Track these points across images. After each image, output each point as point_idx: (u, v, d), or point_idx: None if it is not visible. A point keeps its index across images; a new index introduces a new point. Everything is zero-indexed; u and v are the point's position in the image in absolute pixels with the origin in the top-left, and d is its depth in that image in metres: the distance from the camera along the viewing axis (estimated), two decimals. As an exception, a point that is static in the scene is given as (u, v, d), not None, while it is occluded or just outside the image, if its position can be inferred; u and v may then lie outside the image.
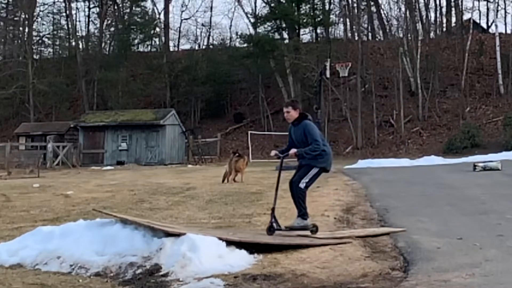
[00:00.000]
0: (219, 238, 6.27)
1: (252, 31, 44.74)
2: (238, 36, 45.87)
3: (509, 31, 45.68)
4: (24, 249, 6.71)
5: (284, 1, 42.20)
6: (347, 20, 46.56)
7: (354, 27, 45.05)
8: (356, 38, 43.39)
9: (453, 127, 36.44)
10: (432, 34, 45.48)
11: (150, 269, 5.90)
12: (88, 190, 15.17)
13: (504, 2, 43.70)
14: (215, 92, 43.36)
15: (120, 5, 49.59)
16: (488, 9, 48.09)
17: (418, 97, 38.28)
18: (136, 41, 48.63)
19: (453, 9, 45.29)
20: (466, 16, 45.29)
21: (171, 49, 49.57)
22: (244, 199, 11.80)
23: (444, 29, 46.01)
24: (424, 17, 44.88)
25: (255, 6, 50.92)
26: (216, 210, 10.20)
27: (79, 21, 67.39)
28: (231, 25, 67.89)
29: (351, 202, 11.09)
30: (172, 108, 37.83)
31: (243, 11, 47.85)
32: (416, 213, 9.31)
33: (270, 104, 41.88)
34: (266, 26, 43.75)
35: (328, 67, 26.76)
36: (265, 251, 6.33)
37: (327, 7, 44.60)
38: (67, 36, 51.06)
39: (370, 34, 49.45)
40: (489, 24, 48.62)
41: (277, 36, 43.49)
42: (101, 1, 47.21)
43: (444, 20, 46.32)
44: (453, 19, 45.98)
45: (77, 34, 49.55)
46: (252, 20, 45.46)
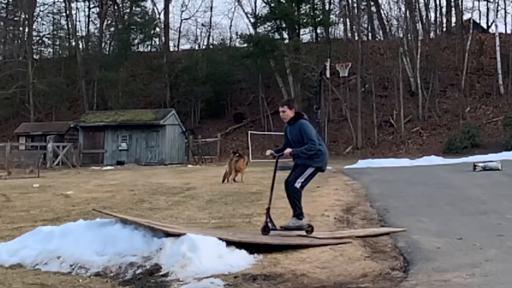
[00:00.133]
0: (219, 238, 6.27)
1: (252, 31, 44.80)
2: (238, 36, 45.96)
3: (509, 31, 45.72)
4: (24, 249, 6.71)
5: (284, 1, 42.19)
6: (347, 20, 46.57)
7: (354, 27, 45.06)
8: (356, 38, 43.38)
9: (453, 127, 36.43)
10: (432, 34, 45.47)
11: (150, 269, 5.90)
12: (88, 190, 15.15)
13: (504, 2, 43.77)
14: (215, 92, 43.35)
15: (120, 5, 49.59)
16: (488, 9, 48.17)
17: (418, 97, 38.26)
18: (136, 41, 48.65)
19: (453, 9, 45.29)
20: (466, 16, 45.38)
21: (171, 49, 49.56)
22: (244, 199, 11.78)
23: (444, 29, 46.01)
24: (424, 17, 44.94)
25: (255, 6, 51.05)
26: (216, 210, 10.19)
27: (79, 21, 67.50)
28: (231, 25, 67.89)
29: (351, 202, 11.08)
30: (172, 108, 37.80)
31: (243, 11, 47.97)
32: (416, 213, 9.30)
33: (270, 104, 41.84)
34: (266, 26, 43.79)
35: (328, 67, 26.81)
36: (265, 251, 6.33)
37: (327, 7, 44.61)
38: (67, 36, 51.05)
39: (370, 34, 49.48)
40: (489, 24, 48.71)
41: (277, 36, 43.49)
42: (101, 1, 47.19)
43: (444, 20, 46.34)
44: (453, 19, 46.01)
45: (77, 34, 49.55)
46: (252, 20, 45.51)
